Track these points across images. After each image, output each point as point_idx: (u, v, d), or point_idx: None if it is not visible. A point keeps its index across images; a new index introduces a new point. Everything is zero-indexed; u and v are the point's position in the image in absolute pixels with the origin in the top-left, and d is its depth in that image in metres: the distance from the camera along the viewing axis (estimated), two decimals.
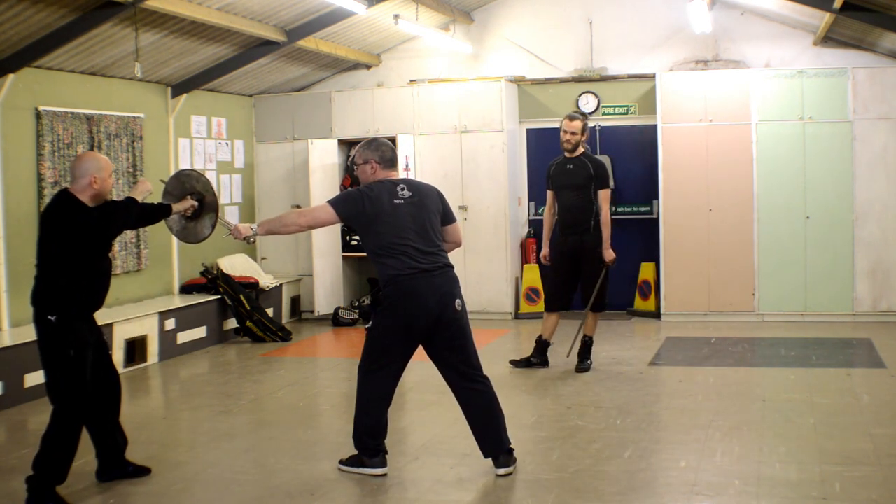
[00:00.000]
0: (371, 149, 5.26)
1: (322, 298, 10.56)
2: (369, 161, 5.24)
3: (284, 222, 5.25)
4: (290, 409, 6.94)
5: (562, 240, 7.80)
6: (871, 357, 8.16)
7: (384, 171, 5.25)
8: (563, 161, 7.83)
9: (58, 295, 4.92)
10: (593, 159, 7.80)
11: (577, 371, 7.71)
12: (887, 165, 9.67)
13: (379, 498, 4.91)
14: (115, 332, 8.09)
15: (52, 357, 4.94)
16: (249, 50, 9.59)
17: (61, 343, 4.90)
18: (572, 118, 7.78)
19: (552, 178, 7.90)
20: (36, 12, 7.13)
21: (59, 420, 4.94)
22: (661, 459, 5.41)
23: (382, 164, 5.25)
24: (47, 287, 4.95)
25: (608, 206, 7.71)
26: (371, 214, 5.09)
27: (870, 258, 9.73)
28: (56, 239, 4.93)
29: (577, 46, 10.94)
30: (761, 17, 10.46)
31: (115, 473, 5.29)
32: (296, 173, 11.06)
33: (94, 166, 5.01)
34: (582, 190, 7.66)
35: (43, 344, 4.96)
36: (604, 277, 7.69)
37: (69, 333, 4.91)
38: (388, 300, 5.09)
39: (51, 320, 4.88)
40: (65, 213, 4.94)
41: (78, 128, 8.45)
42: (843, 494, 4.72)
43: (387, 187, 5.17)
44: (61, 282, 4.92)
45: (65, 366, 4.92)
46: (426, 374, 7.91)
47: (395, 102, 10.85)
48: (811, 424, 6.03)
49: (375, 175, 5.24)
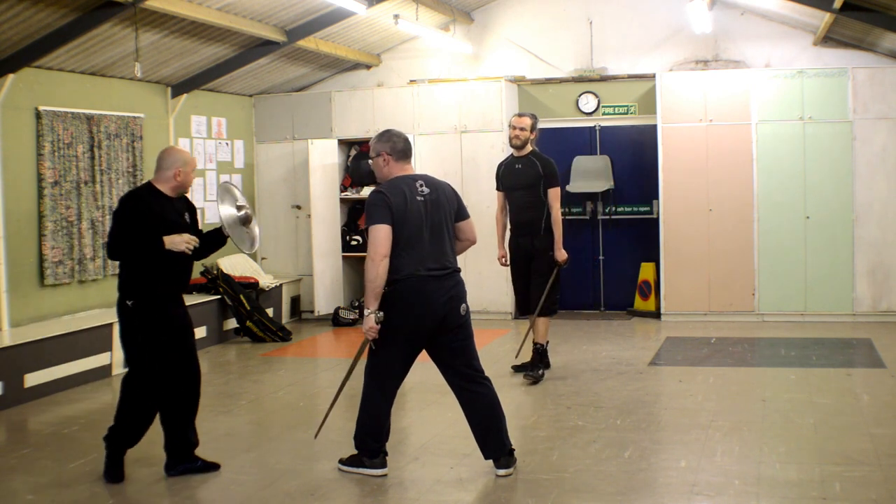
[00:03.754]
0: (382, 140, 5.13)
1: (322, 298, 10.56)
2: (381, 153, 5.12)
3: (372, 277, 4.92)
4: (290, 409, 6.94)
5: (514, 243, 7.67)
6: (871, 357, 8.16)
7: (398, 164, 5.12)
8: (511, 161, 7.68)
9: (136, 281, 5.17)
10: (542, 158, 7.59)
11: (524, 377, 7.38)
12: (887, 165, 9.68)
13: (379, 498, 4.91)
14: (116, 332, 8.06)
15: (127, 339, 5.23)
16: (249, 50, 9.60)
17: (137, 327, 5.17)
18: (521, 115, 7.63)
19: (501, 178, 7.74)
20: (36, 12, 7.13)
21: (128, 391, 5.21)
22: (661, 459, 5.41)
23: (395, 156, 5.11)
24: (127, 274, 5.19)
25: (559, 205, 7.50)
26: (395, 214, 4.95)
27: (870, 258, 9.73)
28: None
29: (577, 46, 10.94)
30: (761, 17, 10.46)
31: (184, 468, 5.34)
32: (296, 173, 11.06)
33: (180, 160, 5.23)
34: (531, 189, 7.48)
35: (121, 326, 5.25)
36: (554, 279, 7.47)
37: (145, 318, 5.15)
38: (397, 299, 4.99)
39: (128, 305, 5.15)
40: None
41: (78, 128, 8.45)
42: (843, 494, 4.72)
43: (406, 184, 5.04)
44: (139, 269, 5.15)
45: (141, 348, 5.16)
46: (426, 375, 7.90)
47: (395, 102, 10.85)
48: (811, 424, 6.03)
49: (389, 168, 5.11)
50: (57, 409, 7.04)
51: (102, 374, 7.92)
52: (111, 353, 8.04)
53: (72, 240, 8.35)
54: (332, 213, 10.76)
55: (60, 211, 8.23)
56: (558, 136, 10.99)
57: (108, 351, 8.02)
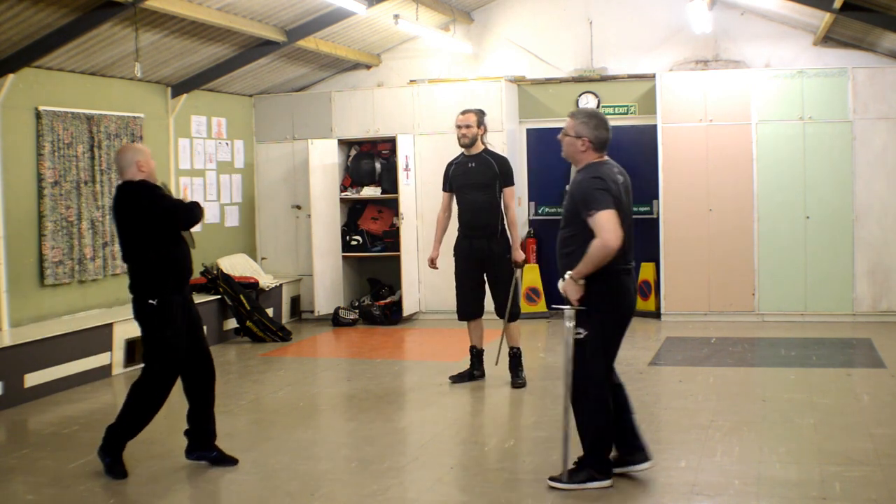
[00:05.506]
0: (589, 126, 4.87)
1: (322, 298, 10.56)
2: (582, 138, 4.86)
3: (597, 262, 4.70)
4: (290, 409, 6.93)
5: (466, 244, 7.28)
6: (871, 357, 8.16)
7: (595, 154, 4.90)
8: (463, 160, 7.37)
9: (154, 279, 5.33)
10: (496, 156, 7.34)
11: (513, 387, 7.21)
12: (887, 165, 9.68)
13: (379, 498, 4.91)
14: (116, 332, 8.08)
15: (153, 337, 5.36)
16: (249, 50, 9.59)
17: (163, 324, 5.32)
18: (465, 112, 7.34)
19: (452, 178, 7.39)
20: (36, 12, 7.13)
21: (145, 382, 5.32)
22: (661, 459, 5.40)
23: (595, 146, 4.88)
24: (145, 273, 5.34)
25: (514, 205, 7.27)
26: (615, 202, 4.76)
27: (870, 258, 9.73)
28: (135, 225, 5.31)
29: (577, 46, 10.94)
30: (761, 17, 10.46)
31: (200, 455, 5.48)
32: (296, 173, 11.05)
33: (133, 152, 5.44)
34: (487, 189, 7.20)
35: (146, 326, 5.37)
36: (515, 283, 7.24)
37: (168, 313, 5.31)
38: (609, 293, 4.84)
39: (152, 304, 5.29)
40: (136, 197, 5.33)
41: (78, 128, 8.44)
42: (843, 494, 4.72)
43: (615, 171, 4.88)
44: (156, 265, 5.32)
45: (167, 343, 5.33)
46: (426, 375, 7.92)
47: (395, 102, 10.85)
48: (811, 424, 6.03)
49: (586, 154, 4.88)
50: (57, 409, 7.04)
51: (102, 374, 7.92)
52: (111, 353, 8.04)
53: (72, 240, 8.35)
54: (332, 213, 10.76)
55: (60, 211, 8.23)
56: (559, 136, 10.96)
57: (108, 351, 8.02)
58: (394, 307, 10.64)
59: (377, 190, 10.81)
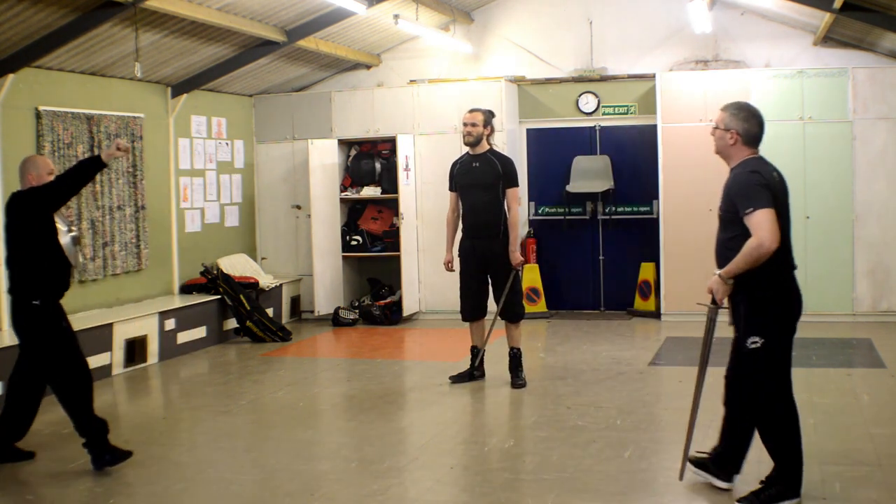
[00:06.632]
0: (739, 118, 4.69)
1: (322, 298, 10.56)
2: (731, 130, 4.68)
3: (754, 257, 4.49)
4: (290, 409, 6.93)
5: (469, 245, 7.29)
6: (871, 357, 8.16)
7: (745, 148, 4.72)
8: (467, 159, 7.36)
9: (39, 280, 5.51)
10: (500, 156, 7.33)
11: (513, 387, 7.18)
12: (887, 165, 9.68)
13: (379, 498, 4.90)
14: (116, 331, 8.09)
15: (33, 337, 5.52)
16: (249, 50, 9.59)
17: (45, 323, 5.49)
18: (473, 110, 7.32)
19: (456, 177, 7.39)
20: (36, 12, 7.13)
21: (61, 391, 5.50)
22: (661, 459, 5.41)
23: (744, 140, 4.70)
24: (29, 275, 5.52)
25: (517, 206, 7.25)
26: (774, 199, 4.58)
27: (870, 258, 9.73)
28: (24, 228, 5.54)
29: (577, 46, 10.94)
30: (761, 17, 10.46)
31: (100, 452, 5.45)
32: (296, 173, 11.06)
33: (30, 165, 5.68)
34: (490, 189, 7.18)
35: (26, 326, 5.51)
36: (513, 283, 7.21)
37: (50, 314, 5.51)
38: (779, 298, 4.63)
39: (35, 304, 5.45)
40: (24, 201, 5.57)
41: (78, 128, 8.44)
42: (843, 494, 4.72)
43: (772, 167, 4.71)
44: (41, 267, 5.51)
45: (48, 343, 5.49)
46: (426, 375, 7.92)
47: (395, 102, 10.85)
48: (811, 424, 6.02)
49: (736, 148, 4.71)
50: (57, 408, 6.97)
51: (102, 374, 7.91)
52: (111, 353, 8.04)
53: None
54: (332, 213, 10.76)
55: (60, 211, 8.20)
56: (558, 136, 10.99)
57: (108, 351, 8.02)
58: (394, 307, 10.64)
59: (377, 190, 10.81)
